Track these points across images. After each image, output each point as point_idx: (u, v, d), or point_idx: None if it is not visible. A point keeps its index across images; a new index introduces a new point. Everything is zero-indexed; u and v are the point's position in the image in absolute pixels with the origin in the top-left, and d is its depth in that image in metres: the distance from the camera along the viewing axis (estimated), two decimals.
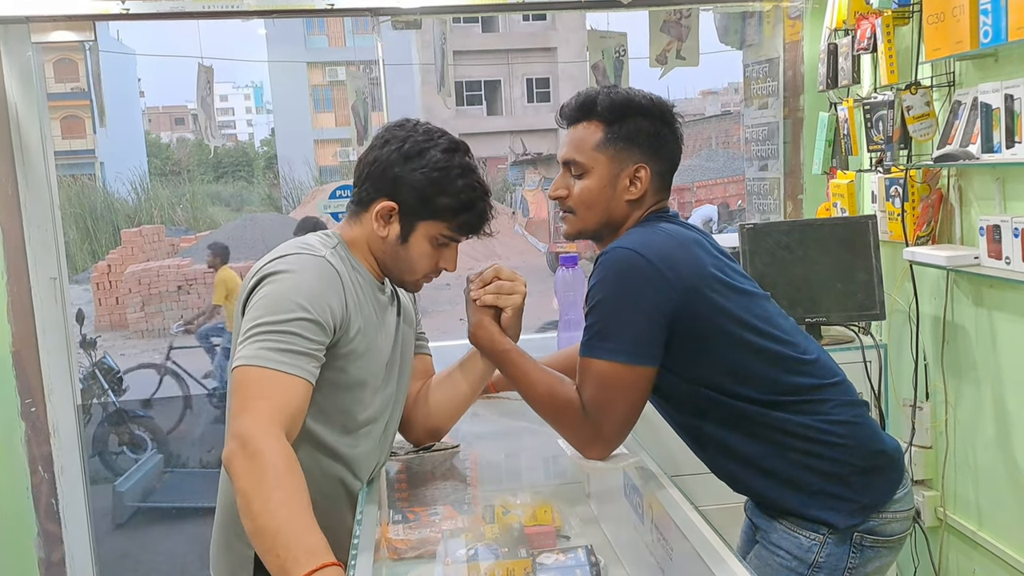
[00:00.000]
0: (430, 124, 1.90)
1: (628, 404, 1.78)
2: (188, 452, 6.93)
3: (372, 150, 1.86)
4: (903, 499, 1.91)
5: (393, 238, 1.85)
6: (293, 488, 1.45)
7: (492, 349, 1.93)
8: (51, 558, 3.45)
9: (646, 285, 1.76)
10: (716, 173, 23.45)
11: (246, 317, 1.67)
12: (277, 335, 1.61)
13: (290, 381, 1.59)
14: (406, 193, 1.81)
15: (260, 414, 1.53)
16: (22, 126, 3.34)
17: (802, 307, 3.14)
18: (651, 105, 1.92)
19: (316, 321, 1.66)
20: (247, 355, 1.60)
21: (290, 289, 1.68)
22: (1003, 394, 2.87)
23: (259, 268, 1.75)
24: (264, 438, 1.49)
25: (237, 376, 1.60)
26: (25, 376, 3.37)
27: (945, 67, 2.97)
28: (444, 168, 1.82)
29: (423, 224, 1.84)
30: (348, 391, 1.81)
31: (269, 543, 1.40)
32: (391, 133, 1.86)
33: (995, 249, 2.71)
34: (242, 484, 1.46)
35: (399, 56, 24.50)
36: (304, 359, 1.63)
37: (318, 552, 1.37)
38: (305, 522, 1.41)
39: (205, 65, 3.68)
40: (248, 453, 1.48)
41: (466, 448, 2.19)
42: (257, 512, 1.43)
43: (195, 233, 21.51)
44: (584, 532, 1.89)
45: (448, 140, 1.86)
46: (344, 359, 1.77)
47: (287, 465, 1.48)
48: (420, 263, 1.88)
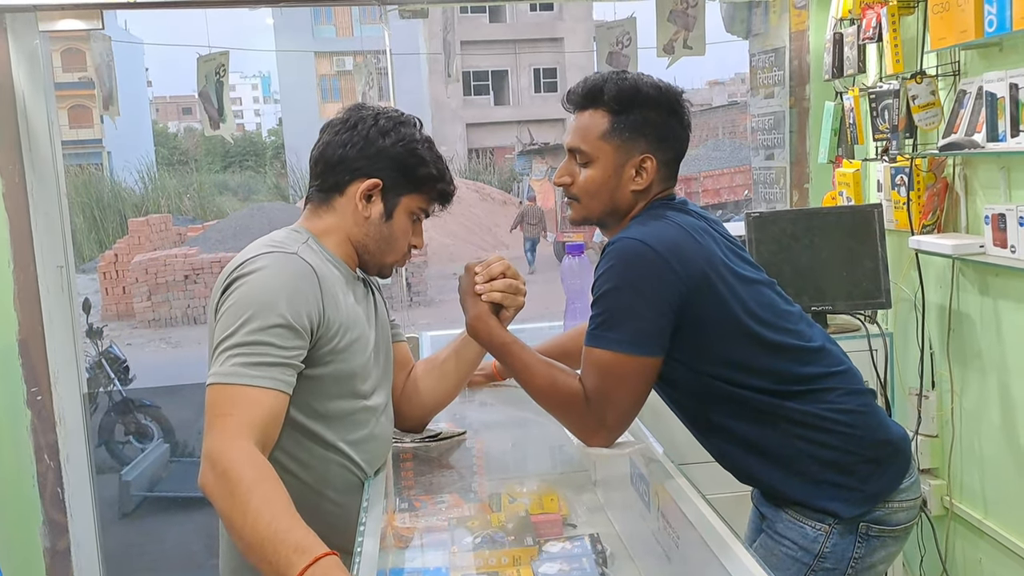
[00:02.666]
0: (383, 104, 1.93)
1: (632, 394, 1.79)
2: (195, 442, 6.93)
3: (338, 135, 1.86)
4: (909, 488, 1.90)
5: (377, 217, 1.85)
6: (268, 494, 1.44)
7: (491, 342, 1.93)
8: (56, 547, 3.46)
9: (653, 276, 1.76)
10: (723, 163, 23.41)
11: (218, 326, 1.64)
12: (248, 347, 1.59)
13: (259, 394, 1.57)
14: (388, 168, 1.83)
15: (224, 431, 1.52)
16: (29, 114, 3.34)
17: (808, 295, 3.14)
18: (659, 94, 1.89)
19: (291, 327, 1.63)
20: (217, 372, 1.58)
21: (262, 293, 1.64)
22: (1008, 382, 2.87)
23: (230, 270, 1.71)
24: (230, 453, 1.48)
25: (208, 395, 1.58)
26: (31, 364, 3.38)
27: (950, 56, 2.96)
28: (417, 140, 1.86)
29: (405, 198, 1.86)
30: (341, 384, 1.79)
31: (259, 554, 1.39)
32: (355, 115, 1.87)
33: (1000, 237, 2.71)
34: (220, 505, 1.46)
35: (406, 46, 24.47)
36: (277, 369, 1.60)
37: (308, 547, 1.35)
38: (286, 523, 1.40)
39: (209, 54, 3.65)
40: (218, 473, 1.47)
41: (472, 436, 2.20)
42: (239, 528, 1.42)
43: (202, 222, 21.55)
44: (590, 520, 1.89)
45: (408, 116, 1.90)
46: (331, 355, 1.74)
47: (256, 473, 1.46)
48: (401, 241, 1.89)
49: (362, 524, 1.62)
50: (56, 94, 3.65)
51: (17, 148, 3.33)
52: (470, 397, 2.31)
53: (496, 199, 24.64)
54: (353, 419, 1.82)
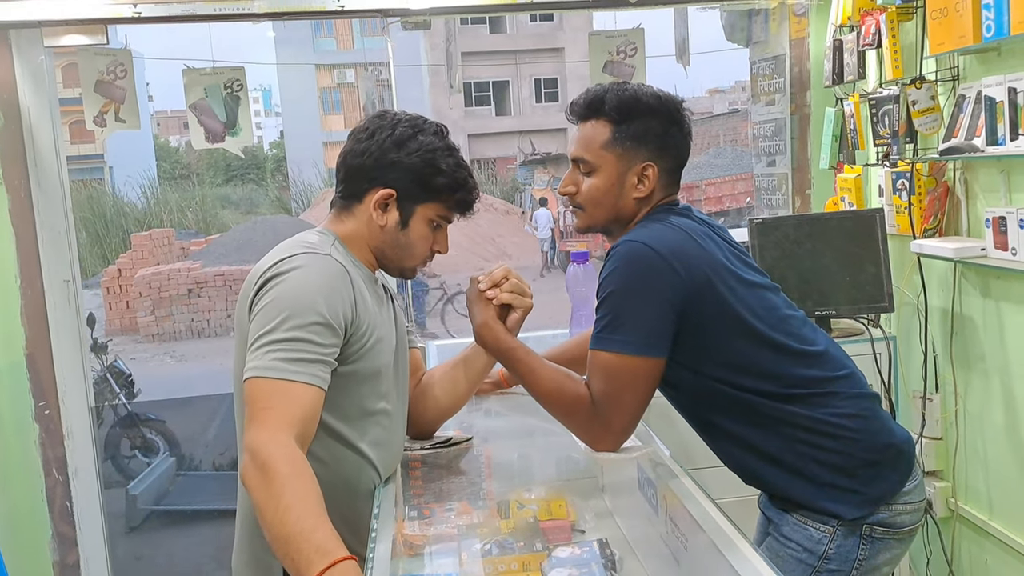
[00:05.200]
0: (408, 112, 1.93)
1: (637, 396, 1.80)
2: (201, 455, 6.94)
3: (358, 143, 1.88)
4: (913, 491, 1.91)
5: (392, 225, 1.87)
6: (300, 491, 1.47)
7: (497, 347, 1.95)
8: (66, 560, 3.47)
9: (656, 278, 1.78)
10: (724, 171, 23.42)
11: (255, 323, 1.67)
12: (288, 343, 1.62)
13: (300, 389, 1.60)
14: (403, 178, 1.85)
15: (266, 424, 1.55)
16: (35, 130, 3.36)
17: (811, 300, 3.16)
18: (659, 104, 1.93)
19: (328, 324, 1.67)
20: (257, 366, 1.61)
21: (301, 291, 1.68)
22: (1011, 384, 2.88)
23: (265, 268, 1.75)
24: (270, 447, 1.51)
25: (248, 388, 1.61)
26: (39, 379, 3.39)
27: (949, 61, 2.98)
28: (435, 150, 1.87)
29: (421, 207, 1.88)
30: (364, 384, 1.83)
31: (283, 549, 1.42)
32: (375, 124, 1.89)
33: (1001, 240, 2.72)
34: (255, 496, 1.49)
35: (408, 58, 24.52)
36: (315, 366, 1.63)
37: (329, 550, 1.38)
38: (314, 522, 1.42)
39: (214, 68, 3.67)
40: (257, 465, 1.50)
41: (480, 444, 2.21)
42: (270, 521, 1.45)
43: (205, 236, 21.54)
44: (599, 526, 1.90)
45: (432, 124, 1.91)
46: (357, 354, 1.78)
47: (293, 469, 1.49)
48: (419, 247, 1.91)
49: (374, 531, 1.64)
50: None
51: (23, 163, 3.35)
52: (477, 405, 2.33)
53: (499, 209, 24.64)
54: (373, 420, 1.86)
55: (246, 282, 1.78)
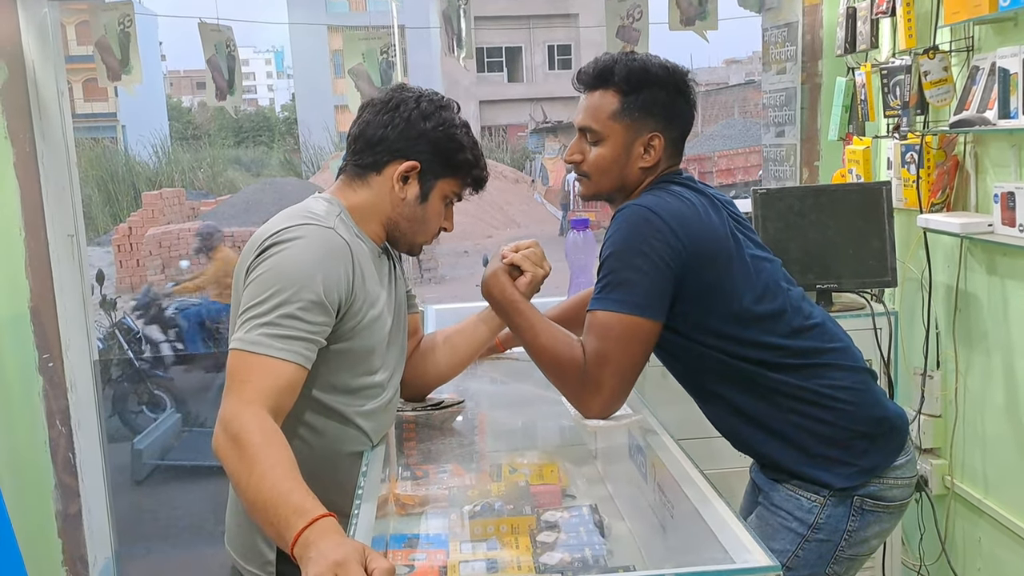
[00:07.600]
0: (424, 87, 1.94)
1: (629, 357, 1.79)
2: (206, 412, 7.00)
3: (379, 115, 1.87)
4: (905, 466, 1.93)
5: (412, 198, 1.87)
6: (272, 458, 1.47)
7: (503, 298, 1.96)
8: (68, 510, 3.50)
9: (657, 240, 1.78)
10: (735, 142, 23.31)
11: (248, 291, 1.67)
12: (276, 318, 1.62)
13: (280, 366, 1.60)
14: (427, 151, 1.85)
15: (242, 396, 1.56)
16: (40, 83, 3.35)
17: (814, 273, 3.14)
18: (667, 75, 1.95)
19: (320, 303, 1.66)
20: (242, 338, 1.61)
21: (297, 266, 1.67)
22: (1013, 363, 2.87)
23: (266, 236, 1.74)
24: (243, 417, 1.52)
25: (230, 359, 1.62)
26: (43, 331, 3.40)
27: (964, 31, 2.94)
28: (456, 125, 1.89)
29: (440, 182, 1.89)
30: (358, 362, 1.83)
31: (262, 514, 1.43)
32: (398, 96, 1.89)
33: (1009, 216, 2.69)
34: (229, 466, 1.50)
35: (418, 21, 24.34)
36: (300, 343, 1.63)
37: (307, 509, 1.38)
38: (289, 485, 1.43)
39: (215, 25, 3.63)
40: (229, 435, 1.51)
41: (474, 408, 2.22)
42: (244, 489, 1.46)
43: (215, 197, 21.58)
44: (589, 491, 1.92)
45: (449, 100, 1.93)
46: (351, 331, 1.78)
47: (264, 438, 1.50)
48: (433, 223, 1.93)
49: (360, 489, 1.65)
50: (70, 67, 3.65)
51: (28, 117, 3.34)
52: (472, 369, 2.33)
53: (508, 177, 24.59)
54: (367, 393, 1.86)
55: (247, 246, 1.78)
